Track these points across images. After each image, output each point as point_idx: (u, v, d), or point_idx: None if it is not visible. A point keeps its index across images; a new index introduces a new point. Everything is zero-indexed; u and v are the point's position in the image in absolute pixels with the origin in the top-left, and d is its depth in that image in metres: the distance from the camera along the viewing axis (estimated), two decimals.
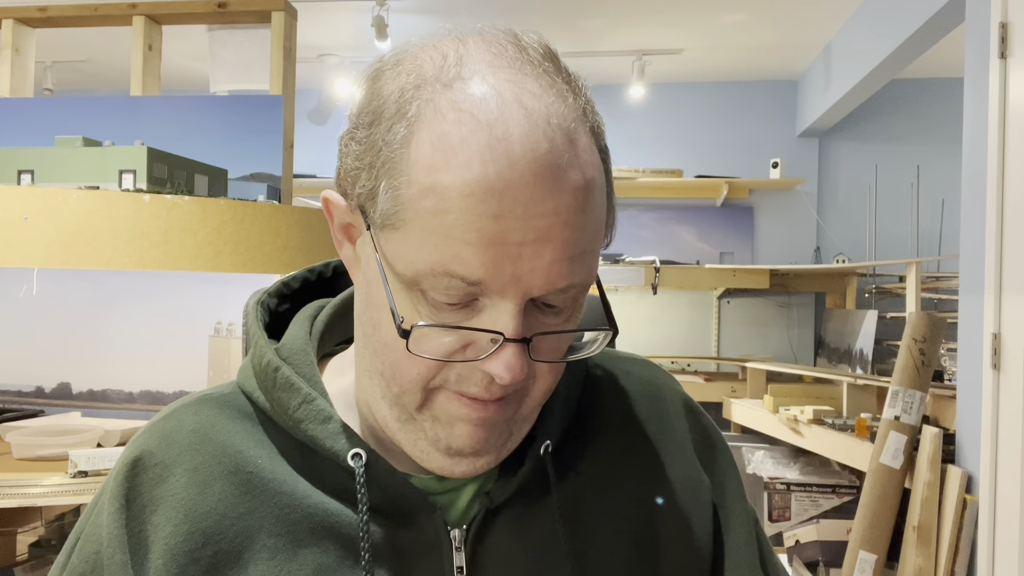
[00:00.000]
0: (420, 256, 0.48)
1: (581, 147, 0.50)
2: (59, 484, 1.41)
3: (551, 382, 0.54)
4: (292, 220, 1.58)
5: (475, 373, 0.51)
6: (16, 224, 1.42)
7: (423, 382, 0.52)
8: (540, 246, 0.48)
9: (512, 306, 0.49)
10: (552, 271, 0.48)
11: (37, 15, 2.29)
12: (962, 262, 2.37)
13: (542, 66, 0.51)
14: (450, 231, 0.47)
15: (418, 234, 0.48)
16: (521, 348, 0.49)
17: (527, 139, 0.47)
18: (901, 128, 4.62)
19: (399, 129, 0.49)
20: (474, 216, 0.46)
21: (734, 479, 0.67)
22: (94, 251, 1.43)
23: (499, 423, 0.54)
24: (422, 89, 0.49)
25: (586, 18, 3.81)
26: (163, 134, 2.01)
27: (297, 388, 0.57)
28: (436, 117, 0.48)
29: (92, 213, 1.44)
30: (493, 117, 0.47)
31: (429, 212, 0.47)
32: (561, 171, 0.48)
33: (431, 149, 0.48)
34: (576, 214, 0.49)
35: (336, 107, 5.02)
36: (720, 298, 4.68)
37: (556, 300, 0.51)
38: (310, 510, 0.55)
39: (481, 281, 0.48)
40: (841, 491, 3.07)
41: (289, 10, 2.15)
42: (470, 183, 0.46)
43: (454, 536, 0.56)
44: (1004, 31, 2.14)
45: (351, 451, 0.55)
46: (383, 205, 0.50)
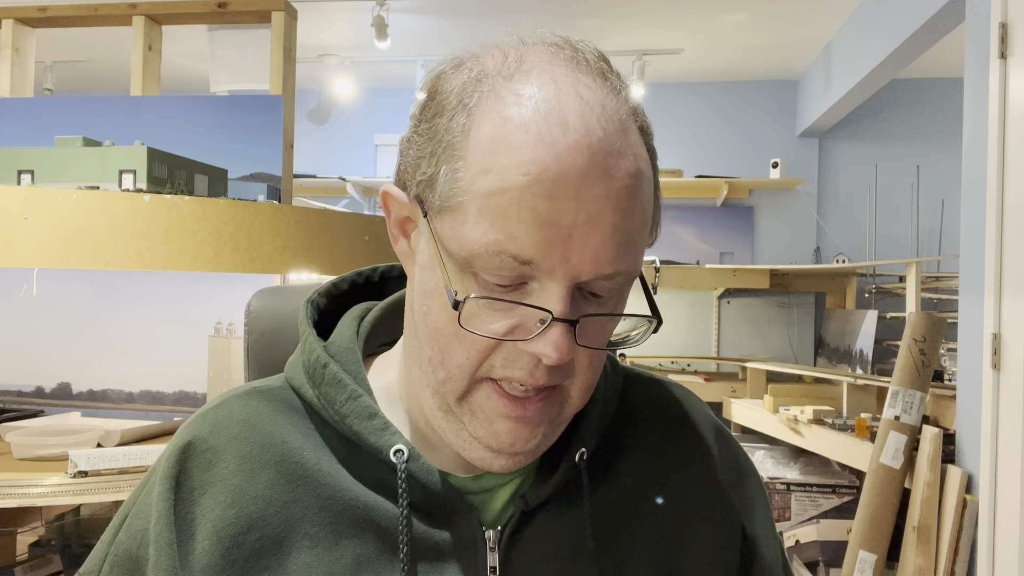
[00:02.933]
0: (475, 236, 0.50)
1: (632, 139, 0.52)
2: (59, 484, 1.41)
3: (590, 380, 0.55)
4: (292, 220, 1.58)
5: (521, 357, 0.52)
6: (16, 224, 1.42)
7: (472, 367, 0.53)
8: (590, 229, 0.49)
9: (561, 288, 0.50)
10: (600, 255, 0.50)
11: (37, 15, 2.29)
12: (962, 262, 2.37)
13: (596, 65, 0.54)
14: (505, 210, 0.49)
15: (474, 214, 0.50)
16: (567, 329, 0.50)
17: (582, 124, 0.49)
18: (901, 128, 4.62)
19: (460, 118, 0.52)
20: (529, 196, 0.48)
21: (763, 506, 0.68)
22: (94, 251, 1.43)
23: (540, 421, 0.54)
24: (483, 82, 0.52)
25: (586, 18, 3.81)
26: (163, 134, 2.01)
27: (344, 384, 0.59)
28: (497, 104, 0.51)
29: (92, 213, 1.44)
30: (551, 103, 0.50)
31: (486, 192, 0.49)
32: (613, 158, 0.50)
33: (491, 132, 0.50)
34: (626, 200, 0.50)
35: (336, 107, 5.02)
36: (720, 298, 4.68)
37: (602, 288, 0.52)
38: (352, 502, 0.57)
39: (532, 260, 0.49)
40: (841, 491, 3.07)
41: (289, 10, 2.15)
42: (526, 164, 0.48)
43: (488, 536, 0.57)
44: (1004, 31, 2.14)
45: (394, 447, 0.57)
46: (442, 188, 0.52)
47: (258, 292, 0.85)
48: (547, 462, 0.60)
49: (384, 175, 4.94)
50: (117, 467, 1.45)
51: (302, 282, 1.49)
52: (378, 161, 5.07)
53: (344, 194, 4.86)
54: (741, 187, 4.65)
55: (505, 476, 0.60)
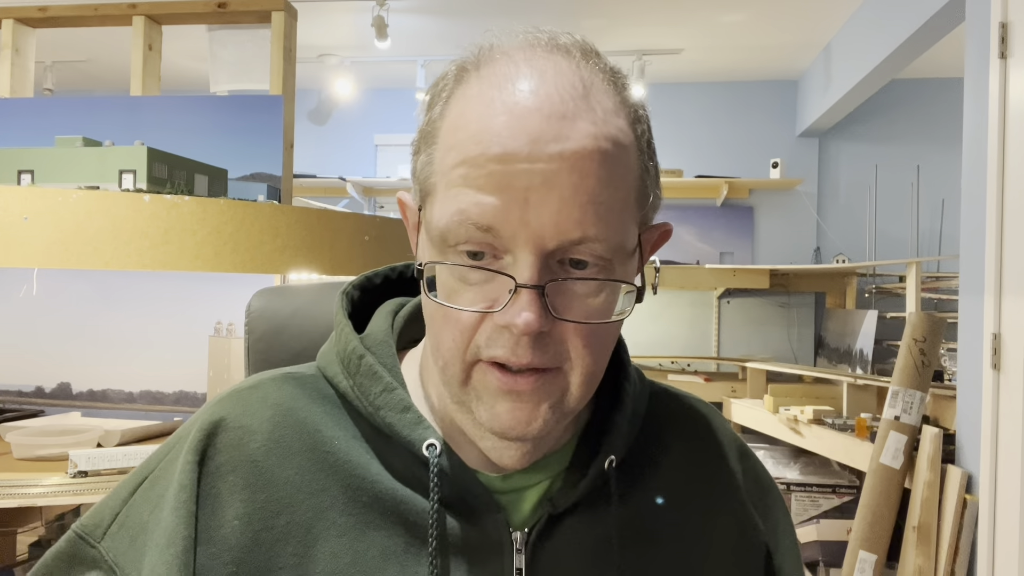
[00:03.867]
0: (443, 211, 0.51)
1: (599, 106, 0.52)
2: (59, 484, 1.41)
3: (590, 366, 0.54)
4: (292, 220, 1.58)
5: (501, 334, 0.52)
6: (16, 224, 1.41)
7: (460, 349, 0.53)
8: (547, 191, 0.49)
9: (528, 255, 0.50)
10: (561, 218, 0.49)
11: (37, 15, 2.29)
12: (962, 262, 2.37)
13: (572, 53, 0.54)
14: (464, 180, 0.50)
15: (442, 191, 0.52)
16: (535, 295, 0.50)
17: (536, 91, 0.51)
18: (901, 128, 4.62)
19: (437, 108, 0.55)
20: (483, 160, 0.50)
21: (786, 525, 0.69)
22: (94, 251, 1.43)
23: (537, 402, 0.53)
24: (459, 73, 0.55)
25: (586, 18, 3.81)
26: (163, 134, 2.01)
27: (379, 376, 0.59)
28: (464, 88, 0.54)
29: (92, 213, 1.44)
30: (508, 77, 0.52)
31: (449, 167, 0.52)
32: (568, 120, 0.50)
33: (455, 112, 0.53)
34: (587, 162, 0.50)
35: (336, 107, 5.02)
36: (720, 298, 4.68)
37: (581, 254, 0.51)
38: (381, 494, 0.57)
39: (492, 226, 0.50)
40: (841, 491, 3.07)
41: (289, 10, 2.15)
42: (479, 133, 0.50)
43: (515, 538, 0.57)
44: (1004, 31, 2.14)
45: (426, 441, 0.57)
46: (421, 174, 0.55)
47: (259, 292, 0.85)
48: (576, 467, 0.60)
49: (384, 175, 4.94)
50: (117, 467, 1.45)
51: (302, 282, 1.49)
52: (378, 161, 5.07)
53: (344, 194, 4.86)
54: (741, 187, 4.65)
55: (534, 477, 0.60)
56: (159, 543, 0.54)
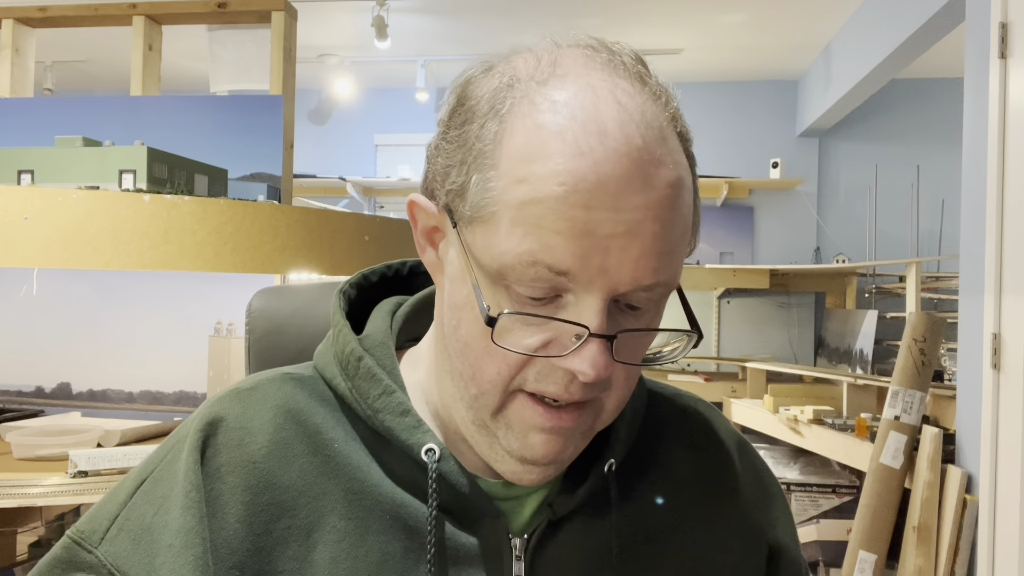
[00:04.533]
0: (508, 246, 0.48)
1: (671, 145, 0.51)
2: (59, 484, 1.41)
3: (624, 394, 0.54)
4: (292, 220, 1.58)
5: (555, 372, 0.50)
6: (16, 224, 1.41)
7: (504, 382, 0.51)
8: (629, 240, 0.47)
9: (598, 301, 0.48)
10: (640, 266, 0.48)
11: (37, 15, 2.29)
12: (962, 262, 2.37)
13: (634, 69, 0.52)
14: (540, 220, 0.47)
15: (507, 225, 0.48)
16: (605, 345, 0.49)
17: (621, 132, 0.48)
18: (901, 128, 4.62)
19: (492, 126, 0.50)
20: (566, 206, 0.47)
21: (786, 522, 0.68)
22: (94, 251, 1.43)
23: (573, 433, 0.53)
24: (515, 88, 0.50)
25: (586, 17, 3.81)
26: (163, 134, 2.01)
27: (379, 379, 0.58)
28: (531, 111, 0.49)
29: (92, 213, 1.43)
30: (588, 111, 0.48)
31: (520, 202, 0.48)
32: (653, 167, 0.48)
33: (524, 140, 0.48)
34: (666, 210, 0.49)
35: (336, 107, 5.02)
36: (720, 298, 4.68)
37: (640, 300, 0.50)
38: (380, 498, 0.56)
39: (568, 271, 0.47)
40: (841, 491, 3.07)
41: (289, 10, 2.15)
42: (562, 174, 0.47)
43: (515, 544, 0.57)
44: (1004, 31, 2.14)
45: (425, 446, 0.56)
46: (473, 198, 0.50)
47: (259, 292, 0.85)
48: (575, 472, 0.59)
49: (384, 175, 4.95)
50: (117, 467, 1.44)
51: (302, 282, 1.49)
52: (378, 161, 5.07)
53: (344, 194, 4.86)
54: (741, 187, 4.65)
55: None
56: (174, 544, 0.53)
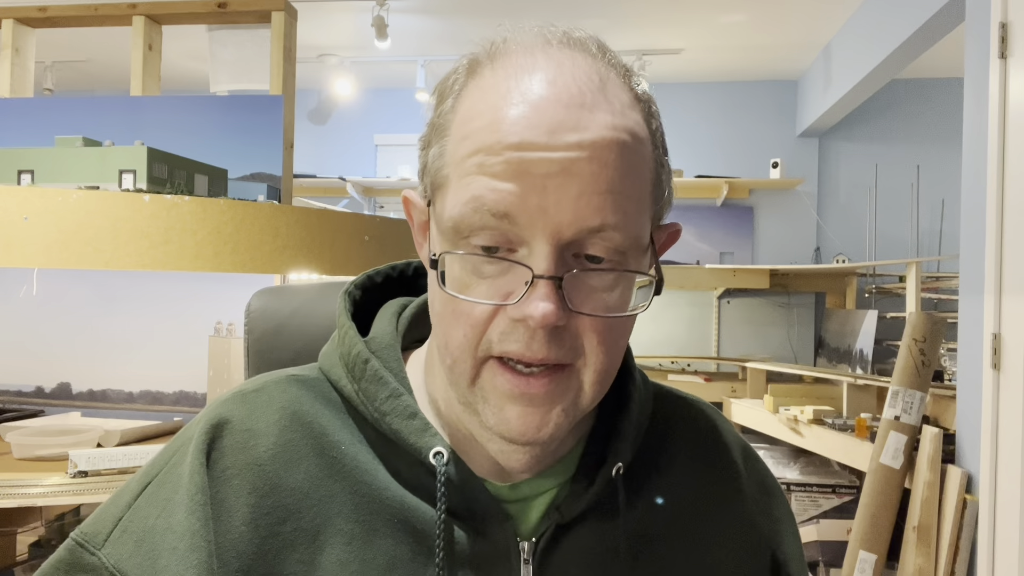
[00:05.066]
0: (457, 199, 0.51)
1: (616, 99, 0.52)
2: (59, 484, 1.41)
3: (603, 363, 0.53)
4: (292, 220, 1.58)
5: (516, 329, 0.51)
6: (16, 224, 1.41)
7: (471, 345, 0.51)
8: (566, 179, 0.48)
9: (544, 246, 0.49)
10: (580, 205, 0.49)
11: (37, 15, 2.29)
12: (962, 262, 2.37)
13: (588, 45, 0.54)
14: (480, 168, 0.50)
15: (455, 181, 0.51)
16: (552, 287, 0.49)
17: (555, 82, 0.50)
18: (901, 128, 4.62)
19: (449, 102, 0.54)
20: (500, 148, 0.49)
21: (790, 528, 0.69)
22: (94, 251, 1.43)
23: (550, 406, 0.52)
24: (471, 66, 0.54)
25: (586, 18, 3.81)
26: (163, 134, 2.01)
27: (386, 382, 0.58)
28: (477, 80, 0.53)
29: (92, 213, 1.43)
30: (525, 69, 0.51)
31: (462, 157, 0.51)
32: (588, 111, 0.50)
33: (469, 104, 0.52)
34: (606, 152, 0.49)
35: (336, 107, 5.02)
36: (720, 298, 4.68)
37: (597, 249, 0.50)
38: (388, 501, 0.56)
39: (508, 213, 0.49)
40: (841, 491, 3.07)
41: (289, 10, 2.15)
42: (496, 121, 0.50)
43: (523, 548, 0.57)
44: (1004, 31, 2.14)
45: (433, 449, 0.56)
46: (432, 169, 0.54)
47: (258, 292, 0.85)
48: (583, 475, 0.59)
49: (384, 175, 4.95)
50: (117, 467, 1.44)
51: (302, 282, 1.49)
52: (378, 161, 5.07)
53: (344, 194, 4.86)
54: (741, 187, 4.65)
55: (541, 486, 0.59)
56: (178, 547, 0.53)
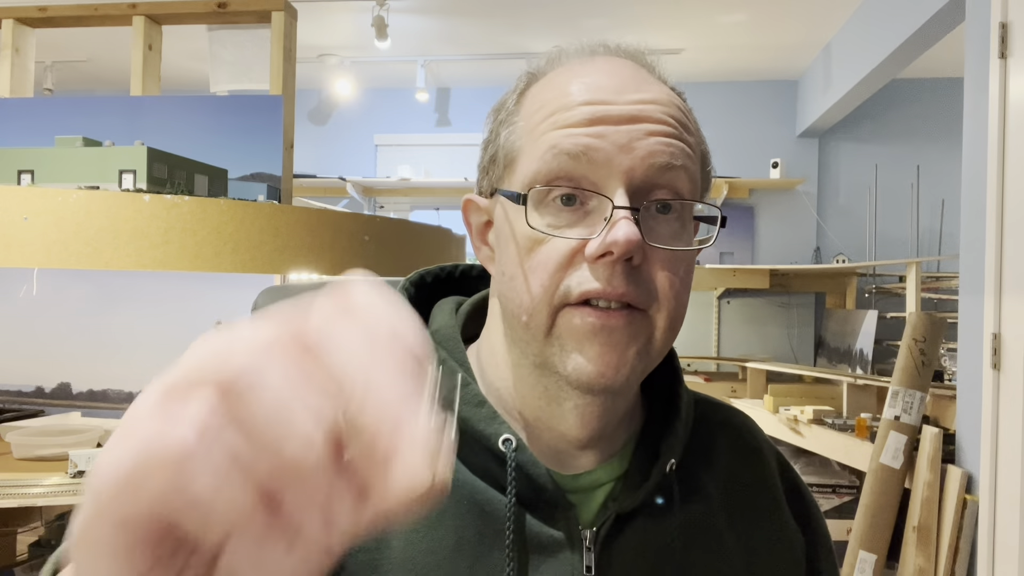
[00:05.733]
0: (534, 155, 0.55)
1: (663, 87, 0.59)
2: (59, 484, 1.41)
3: (674, 308, 0.56)
4: (292, 220, 1.58)
5: (595, 270, 0.53)
6: (16, 224, 1.41)
7: (548, 294, 0.54)
8: (637, 124, 0.54)
9: (619, 185, 0.53)
10: (651, 143, 0.54)
11: (37, 15, 2.29)
12: (962, 262, 2.37)
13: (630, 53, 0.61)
14: (555, 124, 0.55)
15: (531, 145, 0.56)
16: (631, 217, 0.53)
17: (614, 63, 0.58)
18: (901, 128, 4.62)
19: (513, 98, 0.60)
20: (576, 103, 0.55)
21: (824, 537, 0.70)
22: (94, 251, 1.43)
23: (627, 345, 0.54)
24: (530, 77, 0.61)
25: (586, 18, 3.81)
26: (163, 134, 2.01)
27: (454, 371, 0.60)
28: (542, 79, 0.60)
29: (92, 213, 1.43)
30: (585, 60, 0.59)
31: (536, 122, 0.56)
32: (645, 82, 0.57)
33: (538, 92, 0.58)
34: (667, 107, 0.56)
35: (336, 107, 5.02)
36: (720, 298, 4.68)
37: (663, 193, 0.55)
38: (457, 484, 0.57)
39: (586, 151, 0.53)
40: (841, 491, 3.07)
41: (289, 10, 2.15)
42: (566, 91, 0.56)
43: (585, 536, 0.58)
44: (1004, 31, 2.14)
45: (503, 436, 0.57)
46: (504, 149, 0.58)
47: (264, 290, 0.85)
48: (636, 470, 0.61)
49: (384, 175, 4.94)
50: None
51: (304, 281, 1.49)
52: (378, 161, 5.07)
53: (344, 194, 4.86)
54: (741, 187, 4.65)
55: (600, 478, 0.61)
56: None
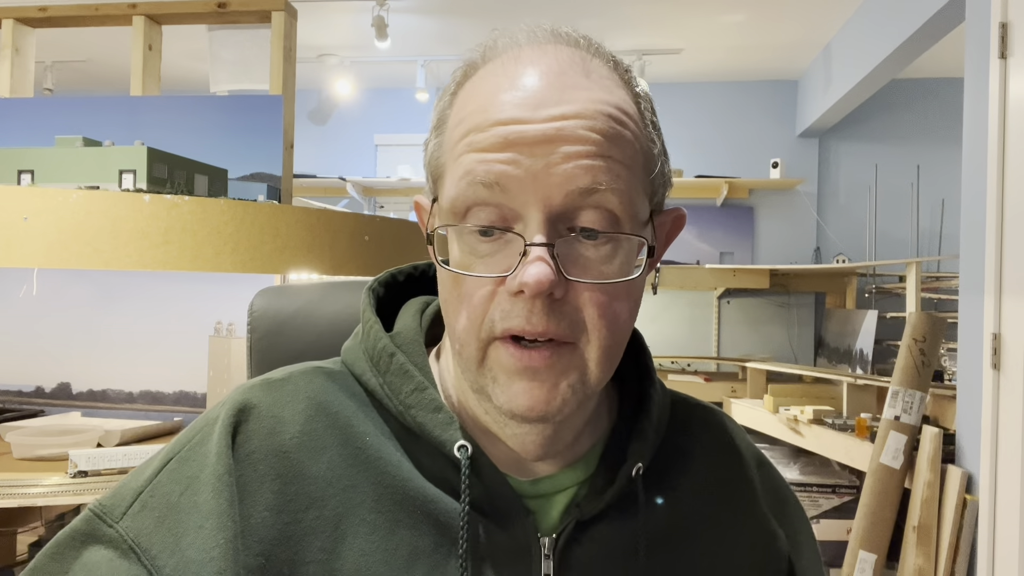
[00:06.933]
0: (453, 179, 0.53)
1: (600, 79, 0.54)
2: (59, 484, 1.41)
3: (606, 339, 0.53)
4: (292, 220, 1.58)
5: (515, 305, 0.52)
6: (16, 224, 1.41)
7: (475, 327, 0.53)
8: (553, 145, 0.50)
9: (536, 214, 0.50)
10: (568, 167, 0.50)
11: (37, 15, 2.28)
12: (962, 262, 2.37)
13: (573, 40, 0.56)
14: (470, 146, 0.52)
15: (451, 165, 0.54)
16: (545, 254, 0.50)
17: (537, 64, 0.53)
18: (901, 128, 4.62)
19: (445, 100, 0.57)
20: (488, 124, 0.51)
21: (807, 534, 0.69)
22: (94, 251, 1.43)
23: (555, 381, 0.53)
24: (466, 68, 0.57)
25: (586, 18, 3.81)
26: (163, 134, 2.01)
27: (411, 375, 0.59)
28: (472, 78, 0.56)
29: (92, 213, 1.43)
30: (514, 58, 0.54)
31: (456, 141, 0.54)
32: (570, 88, 0.52)
33: (463, 98, 0.55)
34: (591, 121, 0.51)
35: (336, 107, 5.02)
36: (720, 298, 4.68)
37: (591, 220, 0.51)
38: (411, 492, 0.56)
39: (497, 182, 0.50)
40: (841, 491, 3.07)
41: (289, 10, 2.15)
42: (484, 103, 0.53)
43: (543, 543, 0.57)
44: (1004, 31, 2.14)
45: (458, 442, 0.56)
46: (432, 162, 0.56)
47: (261, 291, 0.85)
48: (602, 474, 0.60)
49: (384, 175, 4.94)
50: (117, 467, 1.45)
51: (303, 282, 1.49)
52: (378, 161, 5.06)
53: (344, 194, 4.86)
54: (741, 187, 4.65)
55: (561, 483, 0.60)
56: (204, 526, 0.53)
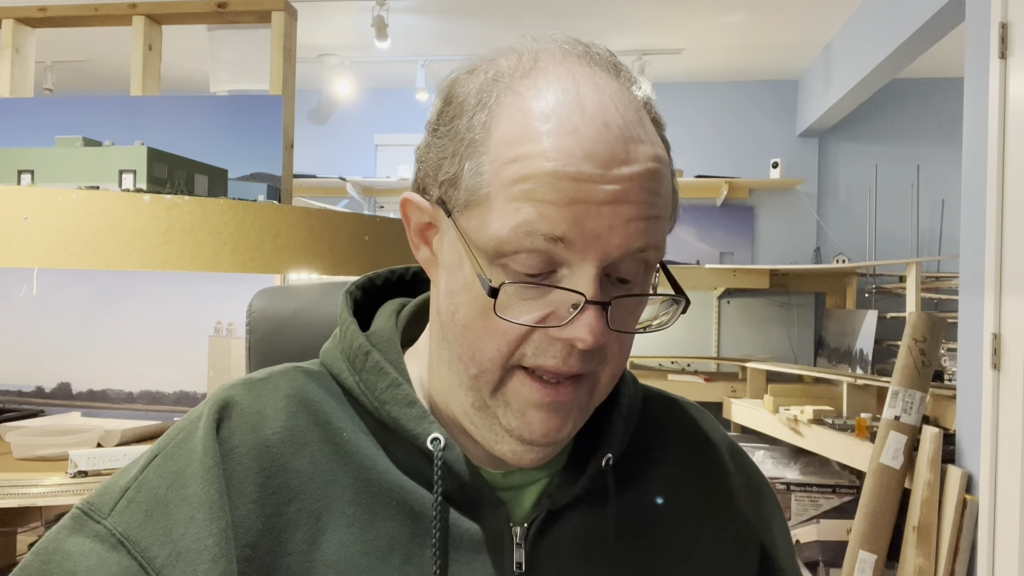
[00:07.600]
0: (504, 221, 0.51)
1: (648, 128, 0.55)
2: (59, 484, 1.41)
3: (619, 366, 0.57)
4: (292, 220, 1.58)
5: (553, 345, 0.53)
6: (16, 224, 1.41)
7: (503, 359, 0.54)
8: (618, 206, 0.51)
9: (592, 269, 0.51)
10: (629, 229, 0.51)
11: (37, 15, 2.29)
12: (962, 262, 2.37)
13: (608, 60, 0.56)
14: (533, 194, 0.50)
15: (501, 203, 0.51)
16: (600, 312, 0.51)
17: (602, 112, 0.52)
18: (901, 128, 4.62)
19: (481, 116, 0.54)
20: (556, 179, 0.50)
21: (780, 522, 0.70)
22: (94, 251, 1.43)
23: (571, 410, 0.55)
24: (500, 82, 0.54)
25: (586, 18, 3.81)
26: (163, 134, 2.01)
27: (386, 372, 0.61)
28: (516, 99, 0.53)
29: (92, 213, 1.43)
30: (569, 93, 0.52)
31: (511, 181, 0.51)
32: (634, 143, 0.52)
33: (511, 125, 0.52)
34: (649, 181, 0.52)
35: (336, 107, 5.02)
36: (720, 298, 4.68)
37: (629, 271, 0.53)
38: (387, 485, 0.58)
39: (564, 236, 0.50)
40: (841, 491, 3.07)
41: (289, 10, 2.15)
42: (550, 151, 0.50)
43: (515, 533, 0.59)
44: (1004, 31, 2.14)
45: (431, 435, 0.58)
46: (467, 184, 0.53)
47: (260, 292, 0.86)
48: (574, 465, 0.62)
49: (384, 175, 4.95)
50: (117, 467, 1.44)
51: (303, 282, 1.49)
52: (378, 161, 5.06)
53: (344, 194, 4.86)
54: (741, 187, 4.65)
55: (533, 474, 0.62)
56: (195, 516, 0.54)
